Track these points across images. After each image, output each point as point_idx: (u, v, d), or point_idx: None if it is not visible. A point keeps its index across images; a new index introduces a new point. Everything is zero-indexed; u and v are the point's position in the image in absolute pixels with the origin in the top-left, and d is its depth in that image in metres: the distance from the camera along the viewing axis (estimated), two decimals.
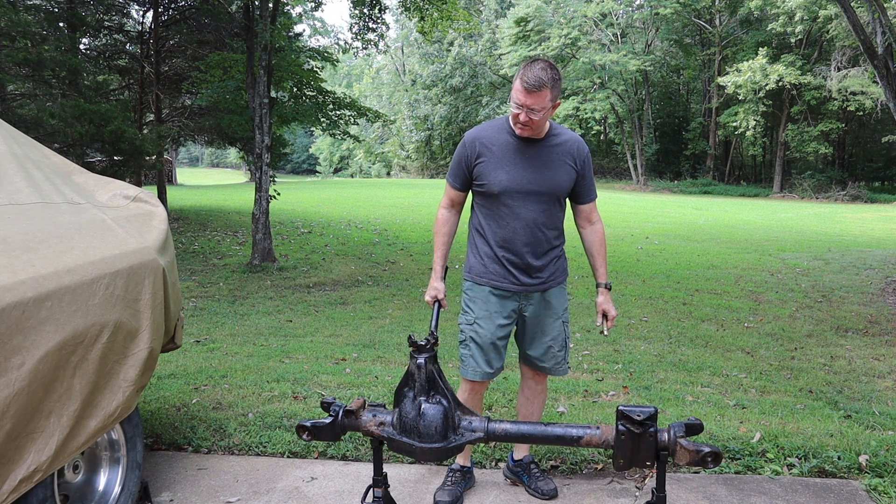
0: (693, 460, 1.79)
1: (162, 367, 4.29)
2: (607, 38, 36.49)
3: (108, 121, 10.49)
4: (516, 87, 2.34)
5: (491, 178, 2.46)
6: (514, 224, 2.48)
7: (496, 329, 2.54)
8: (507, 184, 2.45)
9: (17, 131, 2.61)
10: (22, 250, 1.85)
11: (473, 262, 2.60)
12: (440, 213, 2.65)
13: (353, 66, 66.67)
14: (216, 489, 2.75)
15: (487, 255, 2.55)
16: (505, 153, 2.47)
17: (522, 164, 2.46)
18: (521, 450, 2.80)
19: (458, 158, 2.56)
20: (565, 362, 2.67)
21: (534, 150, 2.48)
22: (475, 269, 2.58)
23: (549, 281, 2.57)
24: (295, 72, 12.90)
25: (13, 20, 9.87)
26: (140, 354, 2.24)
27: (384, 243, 11.78)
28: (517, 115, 2.37)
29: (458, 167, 2.57)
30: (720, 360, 4.70)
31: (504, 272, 2.52)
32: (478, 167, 2.49)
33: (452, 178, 2.60)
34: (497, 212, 2.50)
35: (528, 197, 2.47)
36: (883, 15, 8.18)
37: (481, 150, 2.49)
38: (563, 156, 2.51)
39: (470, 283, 2.60)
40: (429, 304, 2.59)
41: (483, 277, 2.55)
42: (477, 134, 2.54)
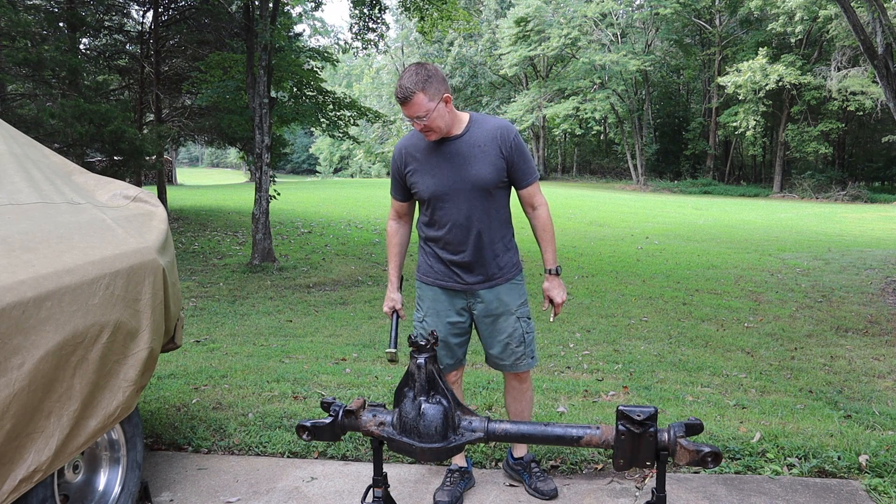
0: (693, 460, 1.78)
1: (162, 367, 4.29)
2: (607, 38, 36.50)
3: (108, 121, 10.50)
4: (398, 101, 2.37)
5: (420, 186, 2.50)
6: (448, 225, 2.50)
7: (445, 326, 2.59)
8: (434, 188, 2.47)
9: (17, 131, 2.61)
10: (22, 250, 1.85)
11: (421, 262, 2.67)
12: (389, 226, 2.71)
13: (353, 66, 66.65)
14: (216, 489, 2.75)
15: (432, 255, 2.60)
16: (428, 158, 2.49)
17: (444, 165, 2.47)
18: (520, 447, 2.80)
19: (392, 171, 2.60)
20: (526, 357, 2.64)
21: (453, 149, 2.47)
22: (422, 269, 2.66)
23: (496, 278, 2.55)
24: (295, 72, 12.90)
25: (13, 20, 9.87)
26: (140, 354, 2.24)
27: (384, 243, 11.77)
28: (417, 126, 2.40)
29: (394, 179, 2.61)
30: (720, 360, 4.70)
31: (448, 272, 2.56)
32: (408, 177, 2.53)
33: (393, 191, 2.64)
34: (432, 215, 2.53)
35: (455, 197, 2.46)
36: (883, 15, 8.18)
37: (408, 160, 2.52)
38: (486, 146, 2.46)
39: (419, 283, 2.68)
40: (387, 315, 2.66)
41: (429, 277, 2.62)
42: (403, 143, 2.56)
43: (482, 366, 4.53)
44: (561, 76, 39.97)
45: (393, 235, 2.71)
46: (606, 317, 6.17)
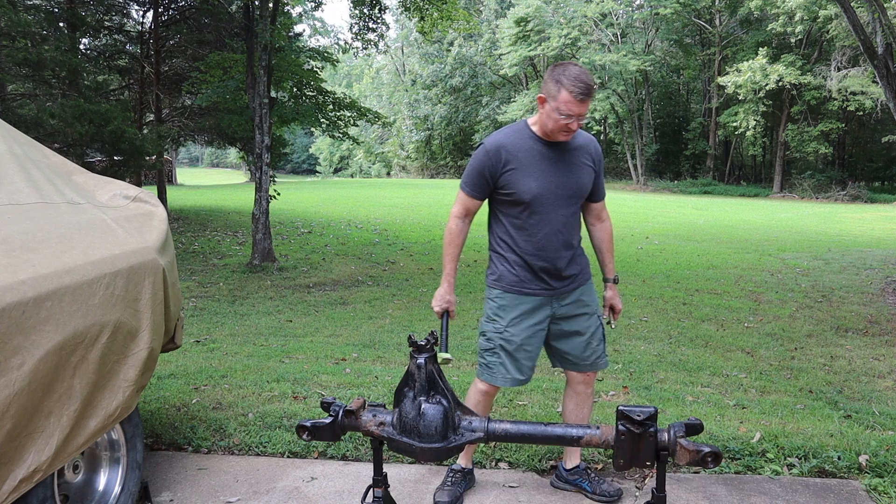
0: (693, 460, 1.78)
1: (162, 367, 4.29)
2: (607, 38, 36.51)
3: (108, 121, 10.50)
4: (564, 97, 2.27)
5: (520, 187, 2.40)
6: (544, 231, 2.45)
7: (528, 335, 2.50)
8: (538, 191, 2.41)
9: (17, 131, 2.61)
10: (22, 250, 1.85)
11: (502, 270, 2.52)
12: (454, 223, 2.55)
13: (353, 66, 66.66)
14: (216, 489, 2.75)
15: (517, 263, 2.49)
16: (531, 160, 2.42)
17: (549, 169, 2.43)
18: (572, 458, 2.74)
19: (478, 167, 2.46)
20: (605, 355, 2.67)
21: (558, 155, 2.45)
22: (505, 278, 2.51)
23: (579, 279, 2.57)
24: (295, 72, 12.90)
25: (13, 20, 9.87)
26: (140, 354, 2.24)
27: (384, 243, 11.79)
28: (565, 125, 2.32)
29: (480, 177, 2.47)
30: (720, 360, 4.70)
31: (534, 278, 2.48)
32: (505, 176, 2.42)
33: (471, 188, 2.50)
34: (526, 220, 2.45)
35: (557, 202, 2.44)
36: (883, 15, 8.18)
37: (508, 158, 2.42)
38: (584, 157, 2.51)
39: (499, 292, 2.53)
40: (436, 315, 2.51)
41: (514, 286, 2.50)
42: (500, 141, 2.44)
43: None
44: None
45: (457, 234, 2.55)
46: None
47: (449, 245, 2.56)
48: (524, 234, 2.47)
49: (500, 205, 2.52)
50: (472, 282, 8.15)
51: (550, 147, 2.44)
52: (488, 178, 2.45)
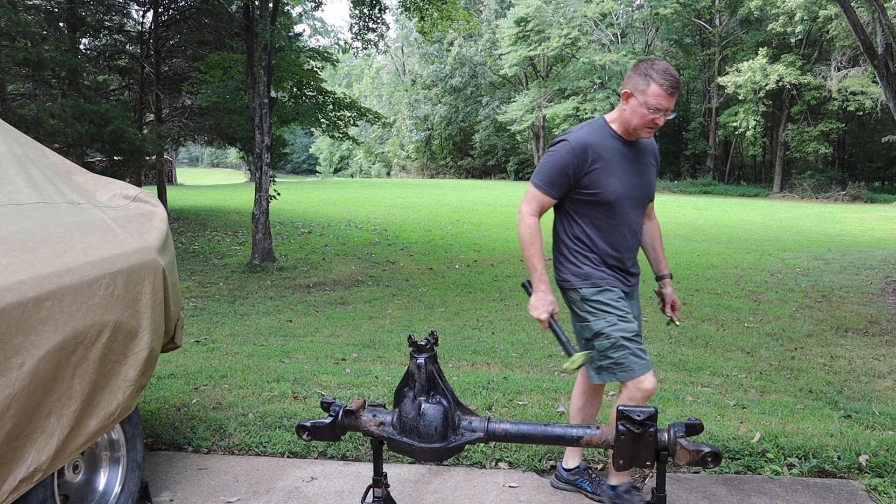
0: (693, 460, 1.79)
1: (162, 367, 4.29)
2: (607, 38, 36.51)
3: (108, 121, 10.50)
4: (654, 91, 2.25)
5: (605, 187, 2.35)
6: (623, 231, 2.43)
7: (633, 324, 2.42)
8: (621, 191, 2.37)
9: (17, 131, 2.61)
10: (22, 250, 1.85)
11: (588, 270, 2.44)
12: (532, 222, 2.41)
13: (353, 66, 66.67)
14: (216, 489, 2.75)
15: (599, 261, 2.44)
16: (614, 159, 2.37)
17: (629, 169, 2.40)
18: (573, 457, 2.72)
19: (561, 165, 2.35)
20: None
21: (634, 154, 2.43)
22: (594, 276, 2.43)
23: (637, 280, 2.58)
24: (295, 72, 12.90)
25: (13, 20, 9.87)
26: (140, 354, 2.24)
27: (384, 243, 11.79)
28: (652, 120, 2.28)
29: (562, 175, 2.36)
30: (720, 360, 4.70)
31: (615, 275, 2.46)
32: (590, 175, 2.35)
33: (549, 186, 2.39)
34: (607, 220, 2.41)
35: (634, 202, 2.43)
36: (883, 15, 8.18)
37: (595, 158, 2.34)
38: (650, 156, 2.52)
39: (593, 290, 2.42)
40: (541, 322, 2.37)
41: (604, 280, 2.43)
42: (587, 139, 2.36)
43: (482, 365, 4.54)
44: (561, 76, 39.98)
45: (537, 232, 2.42)
46: None
47: (532, 244, 2.42)
48: (603, 234, 2.42)
49: (576, 204, 2.43)
50: (472, 282, 8.15)
51: (628, 146, 2.42)
52: (571, 177, 2.37)
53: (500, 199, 22.40)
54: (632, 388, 2.37)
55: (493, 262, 9.84)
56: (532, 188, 2.43)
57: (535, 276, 2.40)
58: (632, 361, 2.35)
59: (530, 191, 2.43)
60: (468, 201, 20.96)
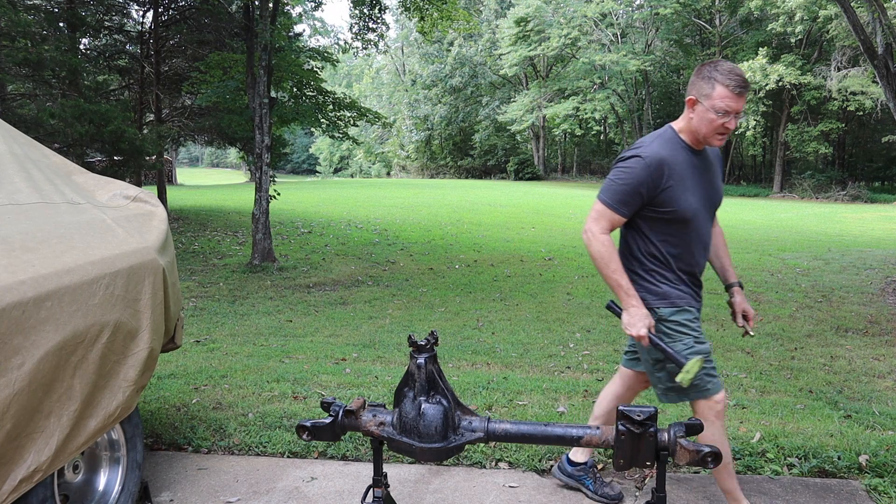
0: (693, 460, 1.79)
1: (162, 367, 4.29)
2: (607, 38, 36.51)
3: (108, 121, 10.50)
4: (721, 93, 2.14)
5: (681, 204, 2.22)
6: (697, 247, 2.32)
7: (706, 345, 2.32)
8: (697, 206, 2.26)
9: (17, 131, 2.61)
10: (22, 250, 1.85)
11: (666, 289, 2.32)
12: (604, 239, 2.27)
13: (353, 66, 66.68)
14: (216, 489, 2.75)
15: (677, 279, 2.33)
16: (687, 173, 2.24)
17: (700, 181, 2.28)
18: (583, 453, 2.68)
19: (635, 183, 2.20)
20: None
21: (703, 164, 2.31)
22: (671, 295, 2.31)
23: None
24: (295, 72, 12.90)
25: (13, 20, 9.87)
26: (140, 354, 2.24)
27: (384, 243, 11.79)
28: (723, 125, 2.17)
29: (635, 193, 2.22)
30: (720, 360, 4.70)
31: (692, 292, 2.37)
32: (665, 193, 2.21)
33: (621, 205, 2.24)
34: (683, 237, 2.29)
35: (706, 216, 2.32)
36: (883, 15, 8.18)
37: (670, 173, 2.21)
38: (716, 164, 2.40)
39: (671, 310, 2.31)
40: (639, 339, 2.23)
41: (682, 300, 2.32)
42: (661, 154, 2.21)
43: (482, 365, 4.54)
44: (561, 76, 39.99)
45: (613, 248, 2.29)
46: (606, 317, 6.17)
47: (610, 261, 2.26)
48: (678, 251, 2.31)
49: (650, 221, 2.29)
50: (472, 282, 8.15)
51: (698, 156, 2.30)
52: (644, 195, 2.22)
53: (500, 199, 22.40)
54: (704, 406, 2.30)
55: (493, 262, 9.84)
56: (600, 206, 2.28)
57: (622, 292, 2.25)
58: (706, 381, 2.27)
59: (598, 208, 2.28)
60: (468, 201, 20.97)
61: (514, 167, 41.07)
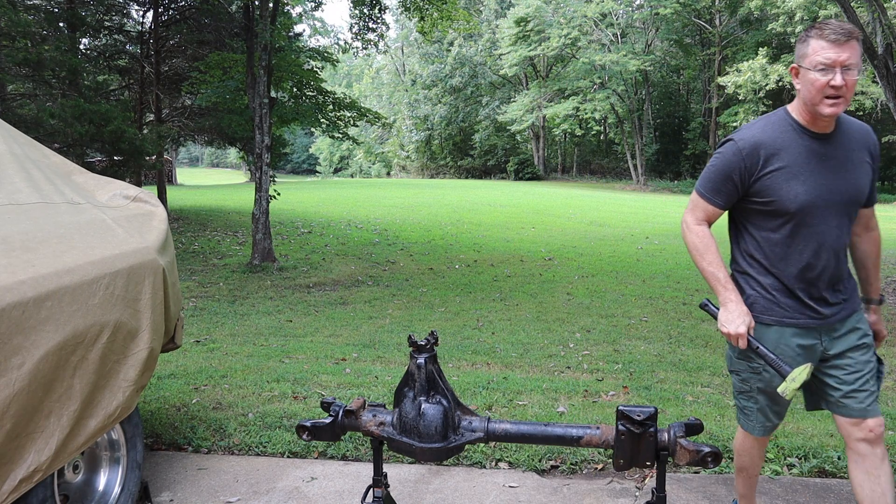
0: (693, 460, 1.79)
1: (162, 367, 4.29)
2: (607, 38, 36.50)
3: (108, 121, 10.50)
4: (817, 46, 1.85)
5: (785, 194, 1.93)
6: (812, 247, 1.98)
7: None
8: (808, 198, 1.93)
9: (17, 131, 2.61)
10: (22, 250, 1.85)
11: (754, 295, 2.05)
12: (700, 230, 2.07)
13: (353, 66, 66.69)
14: (216, 489, 2.75)
15: (774, 287, 2.02)
16: (798, 158, 1.94)
17: (821, 169, 1.95)
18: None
19: (726, 170, 1.99)
20: (876, 398, 2.04)
21: (830, 150, 1.97)
22: (759, 306, 2.04)
23: (851, 302, 2.07)
24: (295, 72, 12.91)
25: (13, 20, 9.87)
26: (140, 354, 2.24)
27: (384, 243, 11.79)
28: (827, 83, 1.84)
29: (727, 181, 2.00)
30: (720, 360, 4.69)
31: (799, 306, 2.01)
32: (763, 181, 1.96)
33: (714, 194, 2.03)
34: (789, 235, 1.98)
35: (828, 212, 1.96)
36: (883, 15, 8.19)
37: (768, 159, 1.95)
38: (860, 150, 2.01)
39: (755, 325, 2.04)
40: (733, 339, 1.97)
41: (771, 315, 2.02)
42: (757, 137, 1.97)
43: (482, 365, 4.54)
44: (561, 76, 39.98)
45: (710, 239, 2.06)
46: (606, 317, 6.17)
47: (706, 252, 2.05)
48: (784, 251, 2.00)
49: (749, 215, 2.06)
50: (472, 282, 8.15)
51: (820, 141, 1.96)
52: (738, 184, 2.00)
53: (500, 199, 22.40)
54: (741, 435, 2.21)
55: (493, 262, 9.84)
56: (695, 195, 2.10)
57: (719, 286, 2.03)
58: (755, 418, 2.12)
59: (693, 198, 2.10)
60: (468, 201, 20.97)
61: (514, 167, 41.07)
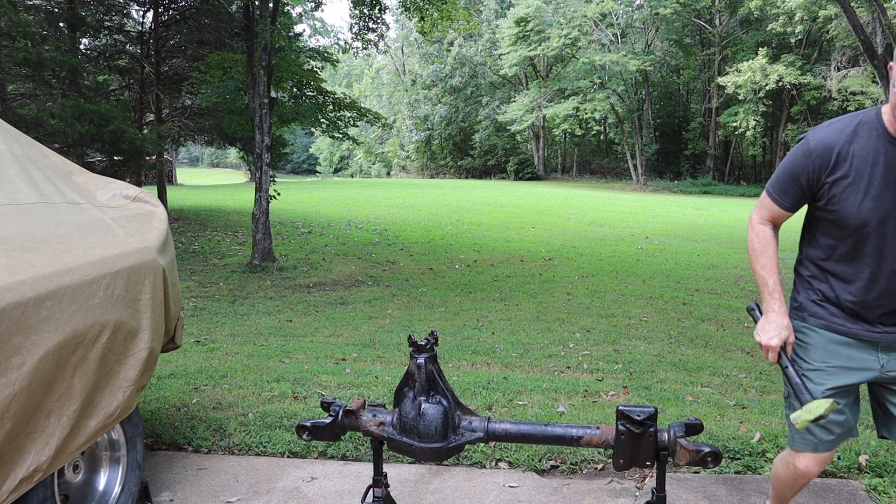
0: (693, 460, 1.78)
1: (162, 367, 4.29)
2: (607, 38, 36.50)
3: (108, 121, 10.50)
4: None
5: (848, 206, 1.76)
6: (873, 269, 1.80)
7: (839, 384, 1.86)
8: (875, 215, 1.75)
9: (17, 131, 2.61)
10: (22, 250, 1.85)
11: (804, 299, 1.95)
12: (761, 230, 1.98)
13: (353, 66, 66.68)
14: (216, 489, 2.75)
15: (827, 295, 1.90)
16: (871, 168, 1.74)
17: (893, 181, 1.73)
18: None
19: (793, 170, 1.84)
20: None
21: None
22: (808, 307, 1.92)
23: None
24: (295, 72, 12.90)
25: (13, 20, 9.87)
26: (140, 354, 2.24)
27: (384, 243, 11.78)
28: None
29: (794, 182, 1.84)
30: (720, 360, 4.70)
31: (851, 317, 1.87)
32: (832, 187, 1.78)
33: (781, 194, 1.89)
34: (852, 250, 1.82)
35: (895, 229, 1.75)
36: (883, 15, 8.19)
37: (838, 164, 1.77)
38: None
39: (798, 323, 1.95)
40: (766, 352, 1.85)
41: (820, 319, 1.90)
42: (830, 139, 1.79)
43: (482, 365, 4.54)
44: (561, 76, 39.99)
45: (769, 241, 1.94)
46: (606, 317, 6.17)
47: (761, 254, 1.93)
48: (844, 267, 1.85)
49: (817, 219, 1.91)
50: (472, 282, 8.15)
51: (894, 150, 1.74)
52: (804, 187, 1.84)
53: (500, 199, 22.40)
54: (786, 455, 2.02)
55: (493, 262, 9.84)
56: (763, 193, 1.98)
57: (766, 293, 1.92)
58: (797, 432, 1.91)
59: (762, 196, 1.99)
60: (468, 201, 20.96)
61: (514, 167, 41.08)
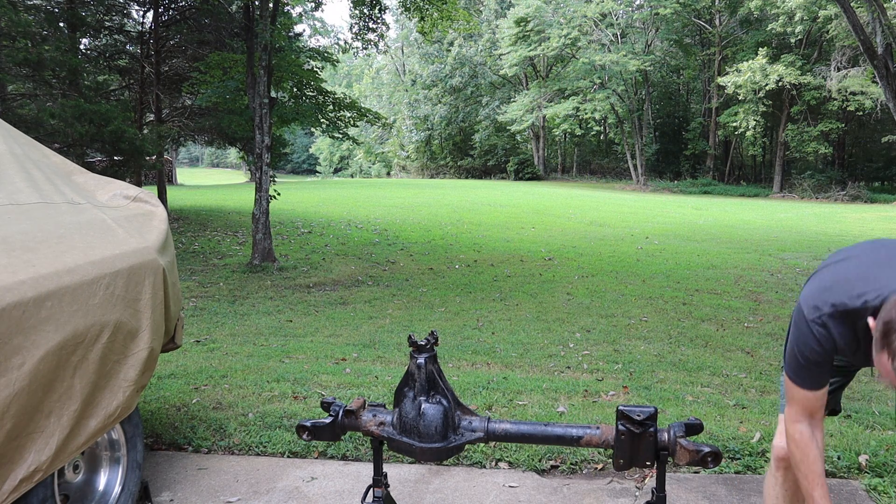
0: (693, 460, 1.79)
1: (162, 367, 4.29)
2: (607, 38, 36.48)
3: (108, 121, 10.50)
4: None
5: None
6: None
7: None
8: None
9: (17, 131, 2.61)
10: (22, 250, 1.85)
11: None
12: (799, 434, 1.65)
13: (353, 66, 66.65)
14: (216, 489, 2.75)
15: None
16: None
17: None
18: None
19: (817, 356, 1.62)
20: None
21: None
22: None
23: None
24: (295, 72, 12.89)
25: (13, 20, 9.87)
26: (140, 354, 2.24)
27: (384, 243, 11.78)
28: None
29: (821, 366, 1.61)
30: (720, 360, 4.70)
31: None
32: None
33: (809, 377, 1.64)
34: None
35: None
36: (883, 15, 8.19)
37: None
38: None
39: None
40: None
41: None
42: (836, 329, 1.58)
43: (482, 365, 4.54)
44: (561, 76, 39.98)
45: (811, 449, 1.60)
46: (606, 317, 6.17)
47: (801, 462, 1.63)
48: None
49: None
50: (472, 282, 8.15)
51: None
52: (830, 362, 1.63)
53: (500, 199, 22.39)
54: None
55: (493, 262, 9.83)
56: (787, 380, 1.72)
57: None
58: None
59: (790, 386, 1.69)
60: (468, 201, 20.96)
61: (514, 167, 41.06)
